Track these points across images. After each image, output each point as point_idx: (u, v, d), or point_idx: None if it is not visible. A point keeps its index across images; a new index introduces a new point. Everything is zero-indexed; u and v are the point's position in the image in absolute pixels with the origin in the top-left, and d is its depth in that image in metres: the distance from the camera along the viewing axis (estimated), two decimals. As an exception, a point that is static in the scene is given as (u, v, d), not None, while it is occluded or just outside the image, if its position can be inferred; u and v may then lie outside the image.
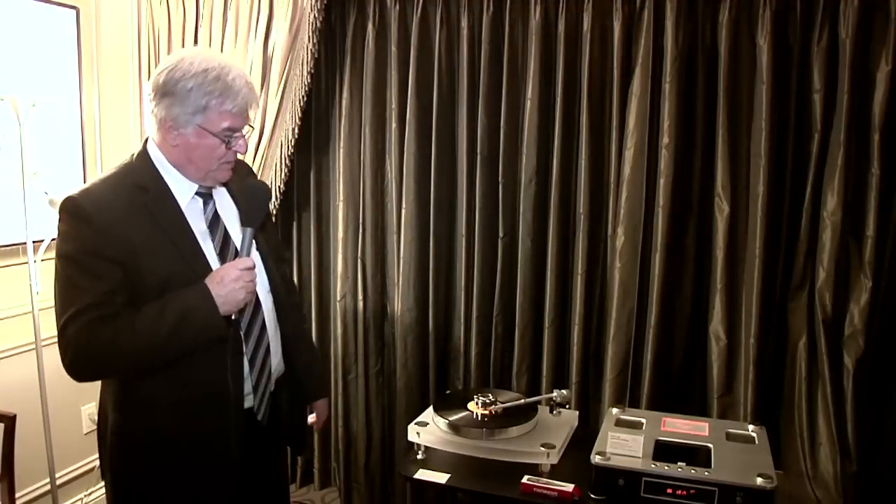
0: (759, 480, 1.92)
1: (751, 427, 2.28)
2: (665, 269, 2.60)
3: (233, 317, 1.75)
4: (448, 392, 3.01)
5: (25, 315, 2.79)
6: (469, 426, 2.29)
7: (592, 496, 2.08)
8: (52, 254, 2.85)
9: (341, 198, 3.13)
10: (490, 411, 2.35)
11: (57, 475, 2.89)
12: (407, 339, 3.07)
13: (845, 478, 2.35)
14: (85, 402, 3.25)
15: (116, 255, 1.65)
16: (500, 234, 2.88)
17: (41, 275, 2.73)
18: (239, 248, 1.77)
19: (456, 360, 3.05)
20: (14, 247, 2.86)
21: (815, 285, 2.43)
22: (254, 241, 1.82)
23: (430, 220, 2.98)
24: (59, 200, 2.65)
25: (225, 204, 1.88)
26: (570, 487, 2.09)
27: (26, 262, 2.69)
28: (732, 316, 2.57)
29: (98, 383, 1.91)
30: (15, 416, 2.51)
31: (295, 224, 3.29)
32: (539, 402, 2.49)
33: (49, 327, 2.90)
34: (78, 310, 1.63)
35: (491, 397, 2.39)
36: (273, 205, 3.10)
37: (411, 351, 3.08)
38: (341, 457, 3.34)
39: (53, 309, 1.70)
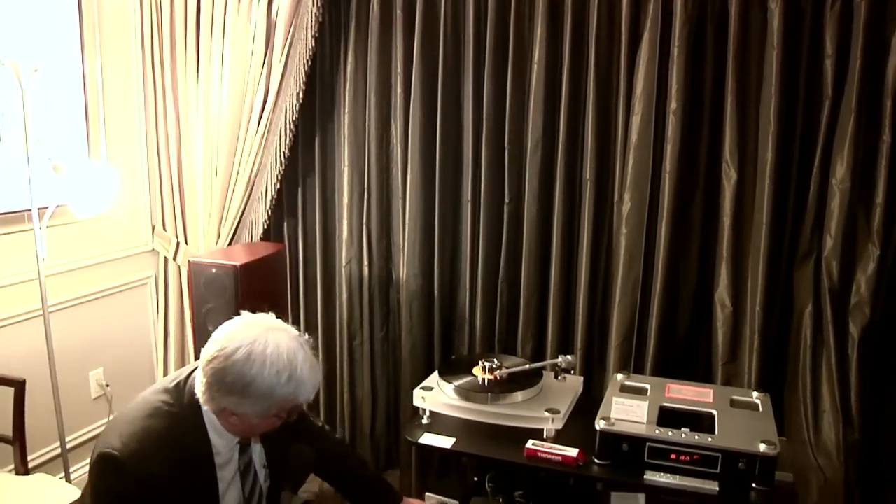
0: (763, 447, 1.94)
1: (755, 394, 2.29)
2: (671, 236, 2.59)
3: None
4: (453, 357, 3.02)
5: (32, 282, 2.80)
6: (474, 391, 2.31)
7: (596, 461, 2.10)
8: (58, 220, 2.90)
9: (346, 163, 3.12)
10: (495, 376, 2.36)
11: (67, 439, 2.92)
12: (412, 305, 3.08)
13: (847, 446, 2.36)
14: (92, 367, 3.28)
15: None
16: (506, 200, 2.87)
17: (47, 241, 2.73)
18: None
19: (461, 326, 3.06)
20: (19, 213, 2.86)
21: (822, 253, 2.42)
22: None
23: (435, 186, 2.97)
24: (62, 166, 2.67)
25: (258, 448, 1.91)
26: (574, 452, 2.11)
27: (31, 229, 2.69)
28: (738, 283, 2.56)
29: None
30: (24, 382, 2.54)
31: (300, 190, 3.28)
32: (544, 368, 2.51)
33: (55, 293, 2.93)
34: None
35: (496, 362, 2.40)
36: (277, 174, 3.09)
37: (416, 317, 3.08)
38: (347, 422, 3.37)
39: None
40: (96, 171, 2.80)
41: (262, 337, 1.66)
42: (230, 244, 3.20)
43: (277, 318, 1.80)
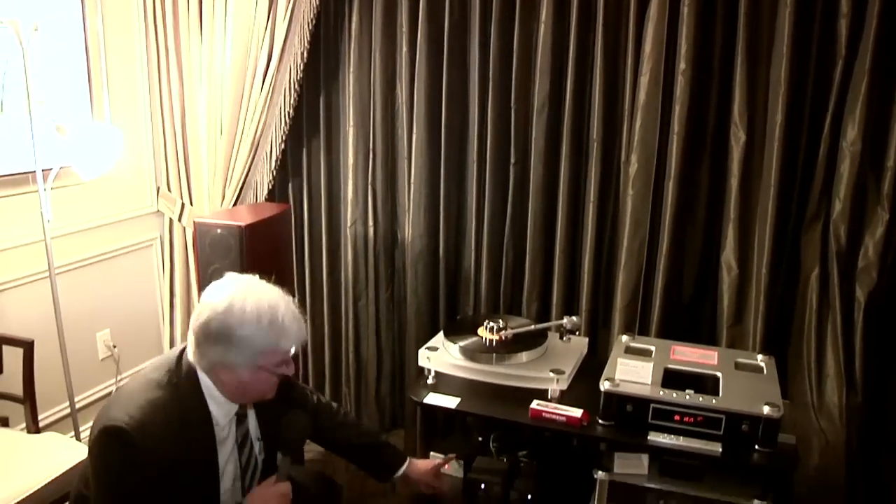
0: (766, 409, 1.94)
1: (760, 357, 2.29)
2: (678, 198, 2.58)
3: None
4: (458, 318, 3.04)
5: (38, 244, 2.80)
6: (479, 351, 2.32)
7: (600, 422, 2.12)
8: (62, 182, 2.89)
9: (351, 123, 3.09)
10: (500, 337, 2.37)
11: (76, 399, 2.95)
12: (417, 266, 3.08)
13: (850, 409, 2.37)
14: (99, 328, 3.30)
15: (157, 487, 1.67)
16: (512, 161, 2.85)
17: (52, 203, 2.72)
18: (277, 474, 1.85)
19: (466, 286, 3.06)
20: (23, 175, 2.85)
21: (831, 217, 2.40)
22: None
23: (440, 146, 2.95)
24: (65, 127, 2.66)
25: (252, 421, 1.91)
26: (578, 413, 2.12)
27: (36, 191, 2.68)
28: (745, 246, 2.55)
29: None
30: (32, 343, 2.56)
31: (304, 150, 3.26)
32: (549, 329, 2.51)
33: (61, 255, 2.93)
34: None
35: (501, 323, 2.41)
36: (282, 135, 3.07)
37: (422, 277, 3.09)
38: (352, 382, 3.40)
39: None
40: (100, 132, 2.78)
41: (246, 289, 1.71)
42: (235, 205, 3.20)
43: (276, 280, 1.82)
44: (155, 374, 1.74)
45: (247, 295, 1.69)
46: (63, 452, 2.38)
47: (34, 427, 2.60)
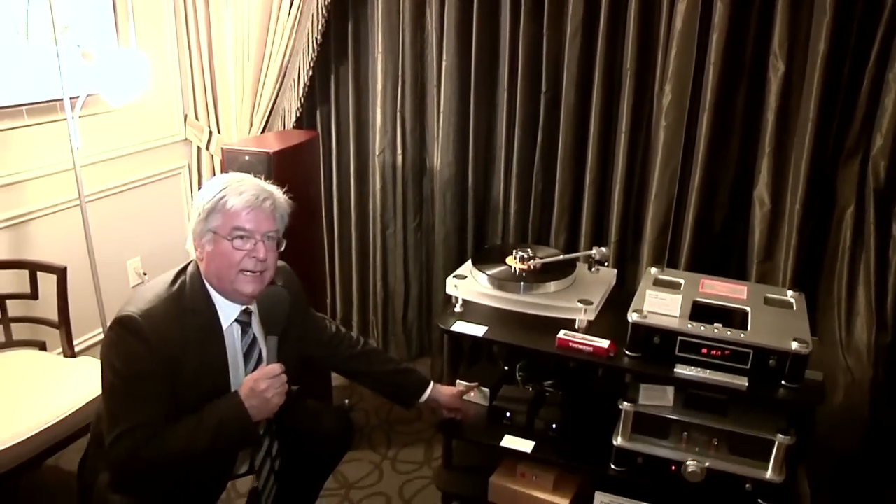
0: (795, 345, 1.93)
1: (790, 293, 2.27)
2: (712, 130, 2.52)
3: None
4: (487, 247, 3.03)
5: (68, 172, 2.82)
6: (507, 280, 2.32)
7: (627, 353, 2.12)
8: (90, 110, 2.89)
9: (380, 50, 3.05)
10: (528, 266, 2.36)
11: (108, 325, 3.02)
12: (446, 195, 3.07)
13: (879, 348, 2.35)
14: (130, 256, 3.36)
15: (165, 377, 1.68)
16: (543, 90, 2.80)
17: (80, 132, 2.73)
18: (265, 358, 1.82)
19: (494, 216, 3.05)
20: (51, 103, 2.85)
21: (871, 152, 2.33)
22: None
23: (470, 74, 2.90)
24: (91, 53, 2.64)
25: (261, 331, 1.90)
26: (605, 344, 2.13)
27: (64, 119, 2.68)
28: (779, 180, 2.50)
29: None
30: (65, 269, 2.61)
31: (332, 77, 3.23)
32: (578, 259, 2.50)
33: (91, 183, 2.96)
34: (124, 430, 1.66)
35: (530, 252, 2.40)
36: (309, 61, 3.03)
37: (450, 206, 3.08)
38: (379, 311, 3.43)
39: (105, 409, 1.74)
40: (126, 58, 2.76)
41: (232, 174, 1.80)
42: (263, 133, 3.19)
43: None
44: (163, 276, 1.81)
45: (223, 175, 1.79)
46: (97, 376, 2.44)
47: (70, 352, 2.66)
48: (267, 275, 1.81)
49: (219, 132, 3.35)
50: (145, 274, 3.39)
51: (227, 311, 1.82)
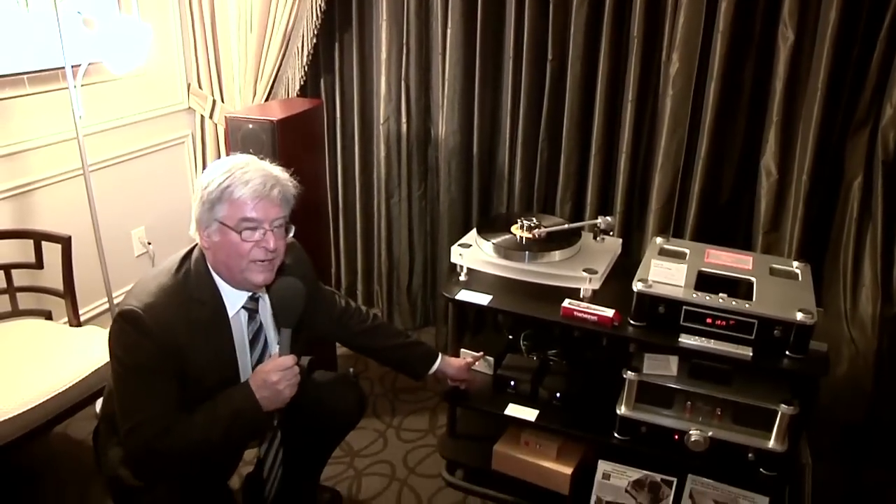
0: (800, 315, 1.93)
1: (795, 263, 2.27)
2: (719, 99, 2.49)
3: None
4: (492, 215, 3.03)
5: (71, 141, 2.81)
6: (512, 249, 2.31)
7: (632, 322, 2.12)
8: (93, 78, 2.87)
9: (384, 17, 3.01)
10: (534, 235, 2.36)
11: (113, 295, 3.02)
12: (451, 164, 3.05)
13: (884, 320, 2.35)
14: (134, 226, 3.36)
15: (173, 369, 1.67)
16: (549, 57, 2.77)
17: (83, 100, 2.71)
18: (278, 350, 1.80)
19: (499, 185, 3.04)
20: (53, 72, 2.83)
21: (880, 123, 2.30)
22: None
23: (476, 41, 2.86)
24: (93, 20, 2.61)
25: (268, 316, 1.89)
26: (610, 313, 2.13)
27: (67, 88, 2.67)
28: (786, 151, 2.48)
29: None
30: (70, 238, 2.61)
31: (336, 45, 3.20)
32: (583, 228, 2.50)
33: (94, 153, 2.95)
34: (137, 424, 1.67)
35: (535, 221, 2.39)
36: (313, 29, 3.00)
37: (455, 175, 3.06)
38: (384, 280, 3.44)
39: (115, 401, 1.74)
40: (128, 25, 2.74)
41: (234, 158, 1.73)
42: (266, 101, 3.17)
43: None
44: (168, 263, 1.78)
45: (227, 159, 1.73)
46: (102, 345, 2.45)
47: (76, 321, 2.67)
48: (276, 261, 1.79)
49: (222, 101, 3.33)
50: (150, 244, 3.39)
51: (234, 299, 1.80)
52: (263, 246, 1.72)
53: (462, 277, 2.41)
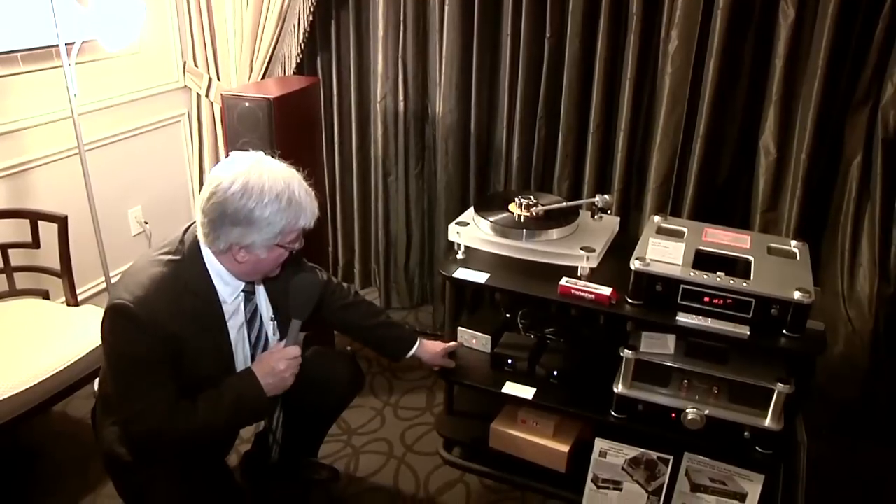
0: (797, 294, 1.93)
1: (793, 242, 2.26)
2: (718, 77, 2.48)
3: None
4: (489, 193, 3.02)
5: (66, 120, 2.79)
6: (510, 227, 2.31)
7: (629, 301, 2.12)
8: (87, 56, 2.84)
9: (381, -7, 2.99)
10: (531, 213, 2.35)
11: (111, 274, 3.02)
12: (448, 142, 3.04)
13: (881, 299, 2.36)
14: (131, 205, 3.35)
15: (168, 359, 1.67)
16: (547, 35, 2.74)
17: (78, 79, 2.69)
18: (286, 339, 1.85)
19: (497, 163, 3.03)
20: (47, 49, 2.80)
21: (881, 102, 2.29)
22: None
23: (473, 18, 2.84)
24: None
25: (262, 297, 1.93)
26: (607, 291, 2.13)
27: (61, 66, 2.64)
28: (786, 129, 2.47)
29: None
30: (66, 217, 2.61)
31: (333, 22, 3.17)
32: (580, 207, 2.49)
33: (90, 132, 2.93)
34: (138, 412, 1.67)
35: (533, 199, 2.38)
36: (309, 6, 2.97)
37: (452, 153, 3.05)
38: (381, 258, 3.43)
39: (112, 389, 1.75)
40: (122, 2, 2.71)
41: (256, 167, 1.67)
42: (263, 79, 3.14)
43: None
44: (158, 252, 1.76)
45: (261, 173, 1.66)
46: (100, 324, 2.47)
47: (73, 300, 2.68)
48: None
49: (218, 79, 3.31)
50: (146, 223, 3.39)
51: (231, 289, 1.80)
52: (296, 248, 1.79)
53: (459, 256, 2.40)
